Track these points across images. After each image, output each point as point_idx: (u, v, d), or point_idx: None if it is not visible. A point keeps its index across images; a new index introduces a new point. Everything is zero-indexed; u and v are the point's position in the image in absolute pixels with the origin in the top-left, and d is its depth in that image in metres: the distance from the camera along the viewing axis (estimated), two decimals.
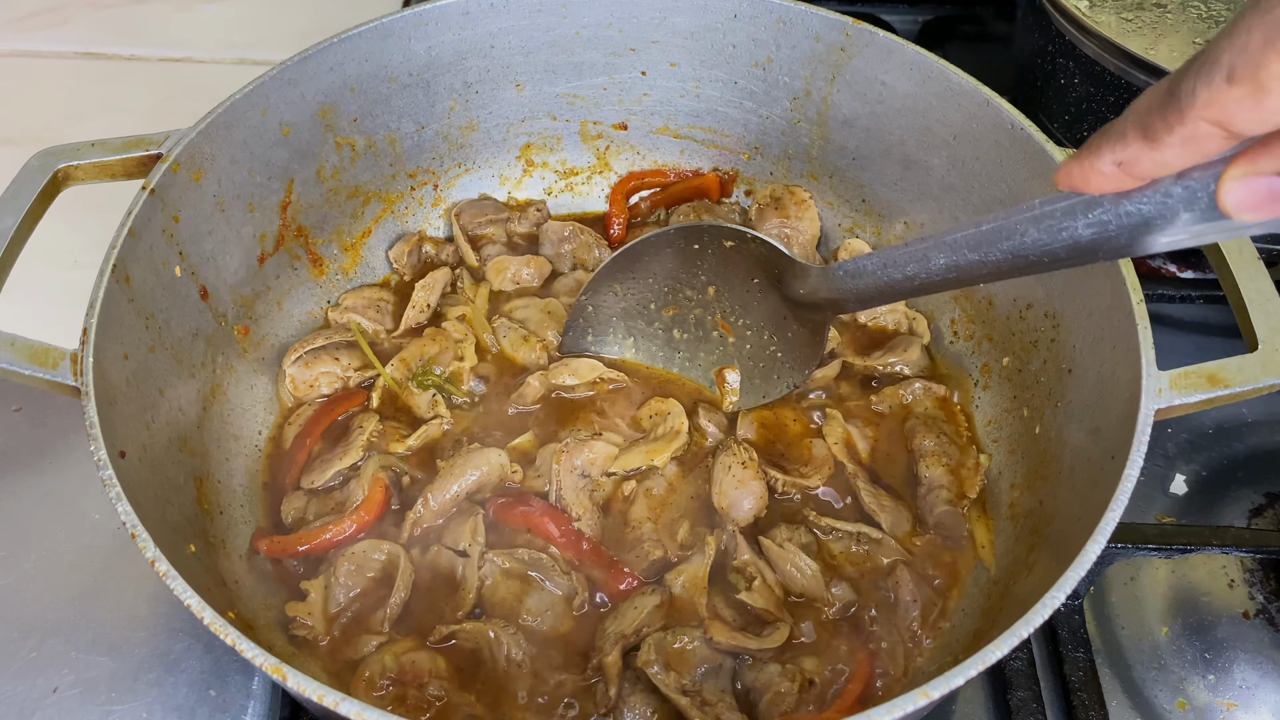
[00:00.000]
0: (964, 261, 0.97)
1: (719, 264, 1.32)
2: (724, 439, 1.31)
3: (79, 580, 1.28)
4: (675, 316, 1.38)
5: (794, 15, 1.41)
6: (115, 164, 1.19)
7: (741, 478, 1.24)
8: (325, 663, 1.14)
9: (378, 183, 1.51)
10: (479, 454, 1.26)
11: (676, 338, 1.39)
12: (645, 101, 1.56)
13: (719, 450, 1.28)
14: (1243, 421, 1.48)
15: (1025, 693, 1.18)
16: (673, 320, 1.38)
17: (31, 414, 1.43)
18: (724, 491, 1.24)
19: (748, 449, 1.27)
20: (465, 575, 1.18)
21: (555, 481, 1.25)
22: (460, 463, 1.25)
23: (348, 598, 1.17)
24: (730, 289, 1.33)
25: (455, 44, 1.45)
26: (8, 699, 1.18)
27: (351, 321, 1.42)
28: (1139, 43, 1.43)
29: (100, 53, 2.00)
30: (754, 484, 1.24)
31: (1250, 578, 1.32)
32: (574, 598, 1.18)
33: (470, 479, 1.24)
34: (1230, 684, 1.24)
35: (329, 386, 1.37)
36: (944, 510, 1.26)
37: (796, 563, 1.18)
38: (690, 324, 1.38)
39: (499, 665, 1.12)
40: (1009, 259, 0.92)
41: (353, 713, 0.80)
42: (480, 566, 1.18)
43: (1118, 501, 0.94)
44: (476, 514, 1.22)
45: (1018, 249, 0.90)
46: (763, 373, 1.35)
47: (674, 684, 1.09)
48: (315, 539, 1.21)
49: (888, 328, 1.46)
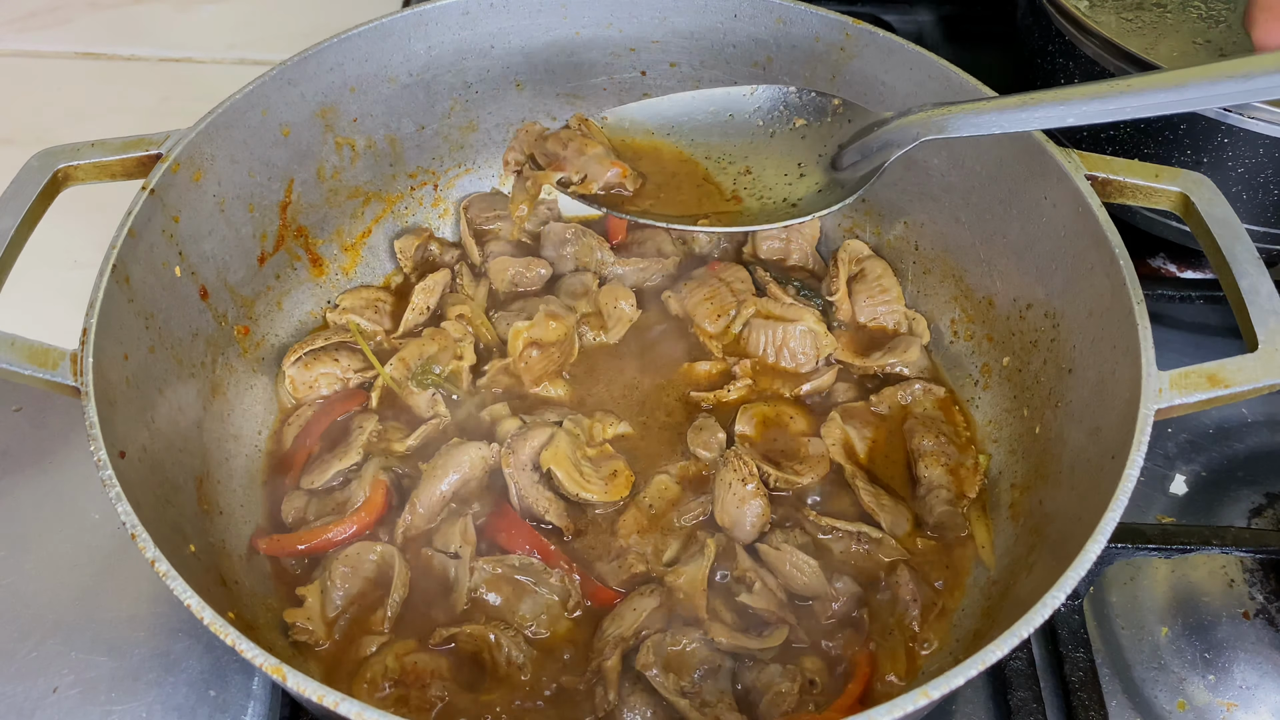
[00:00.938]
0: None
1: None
2: (725, 453, 1.28)
3: (79, 580, 1.28)
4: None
5: (794, 15, 1.41)
6: (115, 164, 1.19)
7: (743, 495, 1.23)
8: (327, 665, 1.14)
9: (378, 183, 1.51)
10: (458, 450, 1.26)
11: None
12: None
13: (720, 465, 1.27)
14: (1243, 421, 1.48)
15: (1025, 693, 1.18)
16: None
17: (31, 414, 1.43)
18: (726, 510, 1.24)
19: (748, 464, 1.25)
20: (458, 577, 1.18)
21: (513, 484, 1.24)
22: (441, 463, 1.25)
23: (345, 600, 1.17)
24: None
25: (455, 44, 1.45)
26: (7, 699, 1.18)
27: (351, 322, 1.42)
28: (1139, 43, 1.43)
29: (100, 53, 2.00)
30: (755, 501, 1.23)
31: (1250, 578, 1.32)
32: (567, 600, 1.18)
33: (453, 479, 1.24)
34: (1230, 684, 1.24)
35: (329, 387, 1.37)
36: (944, 510, 1.26)
37: (795, 562, 1.18)
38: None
39: (500, 667, 1.12)
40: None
41: (353, 713, 0.80)
42: (471, 574, 1.18)
43: (1118, 501, 0.94)
44: (466, 515, 1.22)
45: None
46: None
47: (673, 686, 1.09)
48: (315, 538, 1.21)
49: (887, 328, 1.46)
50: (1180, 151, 1.43)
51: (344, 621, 1.16)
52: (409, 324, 1.43)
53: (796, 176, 1.23)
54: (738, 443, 1.31)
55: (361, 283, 1.52)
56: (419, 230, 1.54)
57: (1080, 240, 1.17)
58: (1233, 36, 1.46)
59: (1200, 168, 1.41)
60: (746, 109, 1.28)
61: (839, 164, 1.20)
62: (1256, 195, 1.43)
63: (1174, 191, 1.17)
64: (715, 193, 1.26)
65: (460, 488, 1.25)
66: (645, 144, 1.31)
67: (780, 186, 1.24)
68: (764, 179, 1.24)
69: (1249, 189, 1.42)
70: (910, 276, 1.49)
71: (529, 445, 1.26)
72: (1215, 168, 1.41)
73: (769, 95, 1.27)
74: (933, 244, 1.45)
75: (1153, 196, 1.18)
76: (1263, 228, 1.46)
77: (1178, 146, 1.43)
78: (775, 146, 1.26)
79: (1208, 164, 1.42)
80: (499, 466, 1.26)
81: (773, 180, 1.24)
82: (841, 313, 1.47)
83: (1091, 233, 1.15)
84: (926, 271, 1.47)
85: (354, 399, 1.36)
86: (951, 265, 1.43)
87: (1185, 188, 1.16)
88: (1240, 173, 1.41)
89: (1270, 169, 1.40)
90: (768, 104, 1.27)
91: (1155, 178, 1.17)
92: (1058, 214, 1.21)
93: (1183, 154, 1.43)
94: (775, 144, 1.26)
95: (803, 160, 1.24)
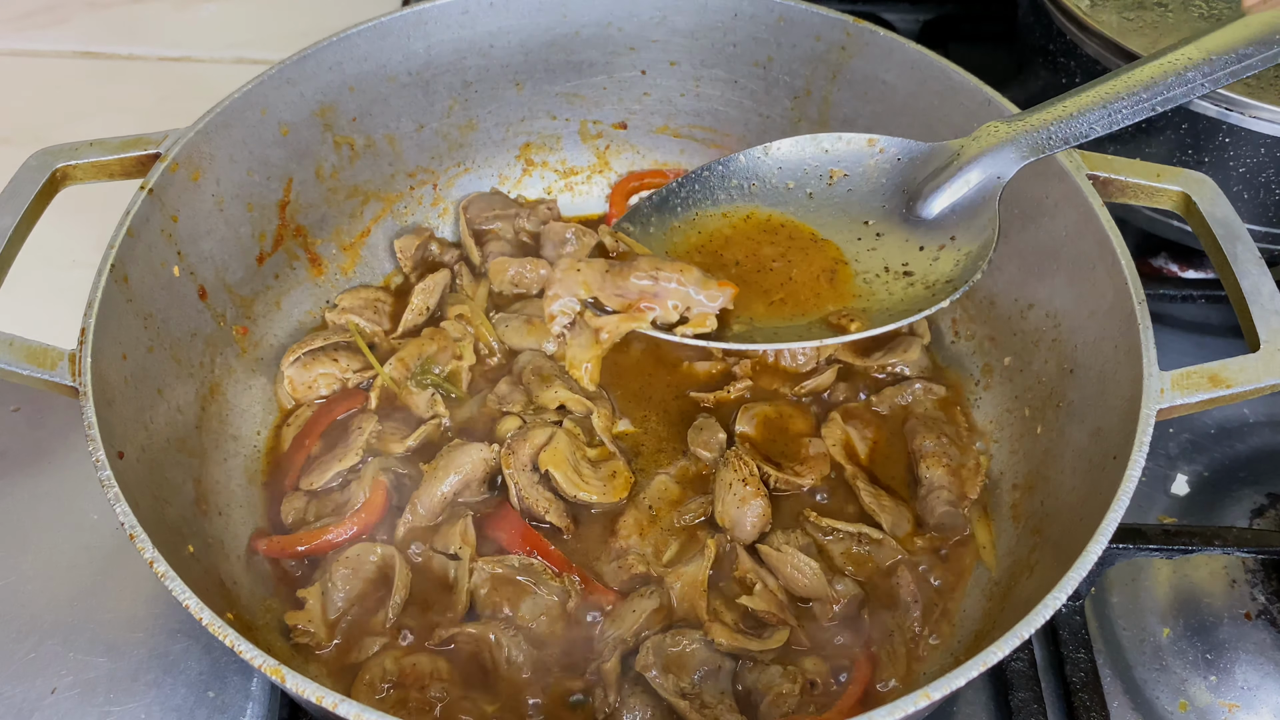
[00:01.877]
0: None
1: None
2: (725, 453, 1.28)
3: (77, 581, 1.28)
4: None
5: (794, 14, 1.40)
6: (114, 163, 1.19)
7: (743, 495, 1.23)
8: (330, 667, 1.14)
9: (377, 182, 1.51)
10: (460, 452, 1.25)
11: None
12: (645, 101, 1.56)
13: (720, 465, 1.27)
14: (1244, 422, 1.48)
15: (1026, 694, 1.18)
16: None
17: (30, 414, 1.43)
18: (726, 510, 1.23)
19: (748, 464, 1.25)
20: (457, 578, 1.18)
21: (513, 485, 1.24)
22: (443, 463, 1.25)
23: (346, 602, 1.17)
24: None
25: (455, 43, 1.45)
26: (6, 700, 1.18)
27: (350, 322, 1.42)
28: (1140, 42, 1.42)
29: (99, 52, 1.99)
30: (756, 501, 1.23)
31: (1252, 578, 1.32)
32: (567, 600, 1.17)
33: (454, 480, 1.24)
34: (1232, 685, 1.23)
35: (327, 388, 1.37)
36: (945, 511, 1.25)
37: (796, 564, 1.18)
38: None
39: (500, 668, 1.11)
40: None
41: (351, 714, 0.80)
42: (471, 574, 1.18)
43: (1119, 502, 0.94)
44: (466, 516, 1.22)
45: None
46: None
47: (672, 687, 1.09)
48: (315, 539, 1.20)
49: None
50: (1182, 151, 1.43)
51: (345, 623, 1.16)
52: (408, 324, 1.43)
53: (875, 237, 1.08)
54: (738, 443, 1.31)
55: (361, 282, 1.51)
56: (419, 230, 1.54)
57: (1082, 240, 1.17)
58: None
59: (1202, 167, 1.41)
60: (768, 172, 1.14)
61: (922, 213, 1.12)
62: (1258, 195, 1.43)
63: (1175, 191, 1.17)
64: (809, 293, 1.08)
65: (461, 489, 1.25)
66: (686, 243, 1.13)
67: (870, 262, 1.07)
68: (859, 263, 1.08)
69: (1250, 189, 1.42)
70: None
71: (528, 445, 1.25)
72: (1217, 167, 1.41)
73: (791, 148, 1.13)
74: None
75: (1154, 196, 1.18)
76: (1264, 227, 1.46)
77: (1179, 146, 1.43)
78: (824, 209, 1.13)
79: (1209, 164, 1.41)
80: (500, 467, 1.26)
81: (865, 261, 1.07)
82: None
83: (1093, 232, 1.15)
84: None
85: (353, 399, 1.36)
86: None
87: (1187, 187, 1.16)
88: (1241, 172, 1.41)
89: (1271, 169, 1.39)
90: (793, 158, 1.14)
91: (1157, 177, 1.17)
92: (1059, 213, 1.21)
93: (1184, 154, 1.43)
94: (822, 206, 1.14)
95: (870, 219, 1.11)
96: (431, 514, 1.23)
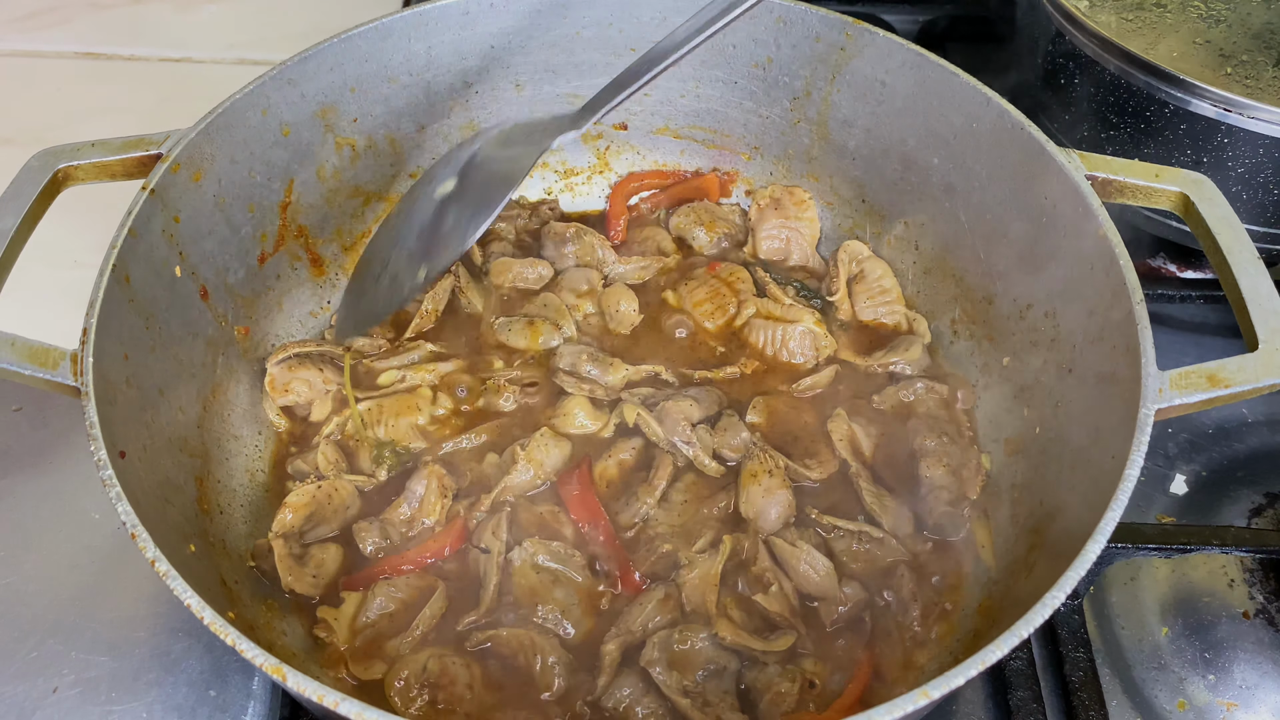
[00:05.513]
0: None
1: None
2: (750, 447, 1.29)
3: (79, 580, 1.28)
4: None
5: (794, 15, 1.41)
6: (115, 164, 1.19)
7: (769, 486, 1.23)
8: (332, 668, 1.14)
9: (378, 183, 1.51)
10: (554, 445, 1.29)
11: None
12: (645, 101, 1.56)
13: (744, 458, 1.28)
14: (1243, 421, 1.48)
15: (1025, 693, 1.18)
16: None
17: (31, 414, 1.43)
18: (751, 500, 1.24)
19: (774, 457, 1.26)
20: (486, 573, 1.18)
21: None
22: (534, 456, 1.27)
23: (379, 614, 1.17)
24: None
25: (455, 44, 1.45)
26: (7, 699, 1.18)
27: (347, 358, 1.39)
28: (1139, 42, 1.43)
29: (100, 53, 2.00)
30: (781, 493, 1.23)
31: (1250, 578, 1.32)
32: (598, 597, 1.18)
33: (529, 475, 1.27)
34: (1230, 684, 1.24)
35: (303, 396, 1.35)
36: (945, 511, 1.25)
37: (810, 561, 1.18)
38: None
39: (533, 669, 1.11)
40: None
41: (353, 713, 0.80)
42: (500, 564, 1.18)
43: (1118, 501, 0.94)
44: (501, 512, 1.22)
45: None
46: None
47: (675, 684, 1.09)
48: (396, 565, 1.21)
49: (888, 325, 1.46)
50: (1180, 151, 1.43)
51: (368, 633, 1.16)
52: (415, 329, 1.43)
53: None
54: (748, 431, 1.32)
55: None
56: None
57: (1080, 240, 1.17)
58: (1233, 36, 1.46)
59: (1200, 168, 1.41)
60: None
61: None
62: (1256, 195, 1.43)
63: (1174, 191, 1.17)
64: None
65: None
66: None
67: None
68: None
69: (1249, 189, 1.42)
70: (910, 276, 1.49)
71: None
72: (1215, 167, 1.41)
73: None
74: (933, 244, 1.45)
75: (1153, 196, 1.18)
76: (1263, 227, 1.46)
77: (1178, 146, 1.43)
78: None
79: (1208, 164, 1.42)
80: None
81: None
82: (842, 313, 1.47)
83: (1092, 232, 1.15)
84: (926, 271, 1.47)
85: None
86: (951, 265, 1.42)
87: (1185, 187, 1.16)
88: (1240, 172, 1.41)
89: (1270, 169, 1.40)
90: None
91: (1155, 177, 1.17)
92: (1058, 214, 1.21)
93: (1183, 154, 1.43)
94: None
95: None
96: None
